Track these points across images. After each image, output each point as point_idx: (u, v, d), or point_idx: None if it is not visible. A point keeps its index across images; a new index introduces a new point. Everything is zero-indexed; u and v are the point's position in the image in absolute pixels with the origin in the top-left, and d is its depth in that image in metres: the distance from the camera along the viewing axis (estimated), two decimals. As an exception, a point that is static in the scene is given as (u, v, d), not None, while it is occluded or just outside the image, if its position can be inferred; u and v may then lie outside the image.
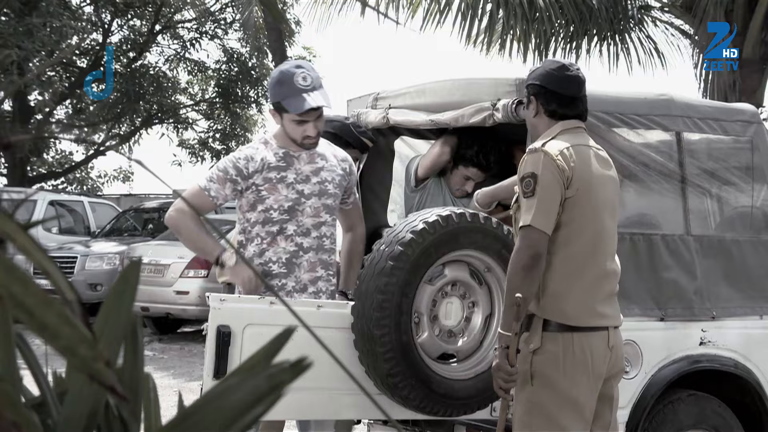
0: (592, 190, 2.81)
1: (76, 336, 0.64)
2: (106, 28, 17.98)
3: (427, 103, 4.05)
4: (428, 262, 3.14)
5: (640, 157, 3.71)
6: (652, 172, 3.75)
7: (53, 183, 20.02)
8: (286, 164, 3.38)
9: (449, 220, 3.15)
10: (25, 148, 15.66)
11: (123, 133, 19.32)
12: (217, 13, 18.94)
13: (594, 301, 2.81)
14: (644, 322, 3.59)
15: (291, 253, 3.32)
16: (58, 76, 17.63)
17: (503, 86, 3.62)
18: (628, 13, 10.14)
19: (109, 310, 0.75)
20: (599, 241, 2.82)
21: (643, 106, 3.75)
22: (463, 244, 3.20)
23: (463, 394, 3.22)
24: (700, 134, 3.95)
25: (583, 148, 2.85)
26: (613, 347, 2.86)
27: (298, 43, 19.76)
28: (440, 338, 3.28)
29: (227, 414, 0.68)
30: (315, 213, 3.38)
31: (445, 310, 3.30)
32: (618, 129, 3.67)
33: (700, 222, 3.91)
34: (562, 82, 2.91)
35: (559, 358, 2.77)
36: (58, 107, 18.31)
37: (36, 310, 0.63)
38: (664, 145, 3.83)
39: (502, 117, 3.51)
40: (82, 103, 18.49)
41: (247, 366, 0.71)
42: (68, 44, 16.68)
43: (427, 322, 3.24)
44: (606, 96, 3.67)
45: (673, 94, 3.87)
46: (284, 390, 0.68)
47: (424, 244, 3.10)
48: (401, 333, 3.06)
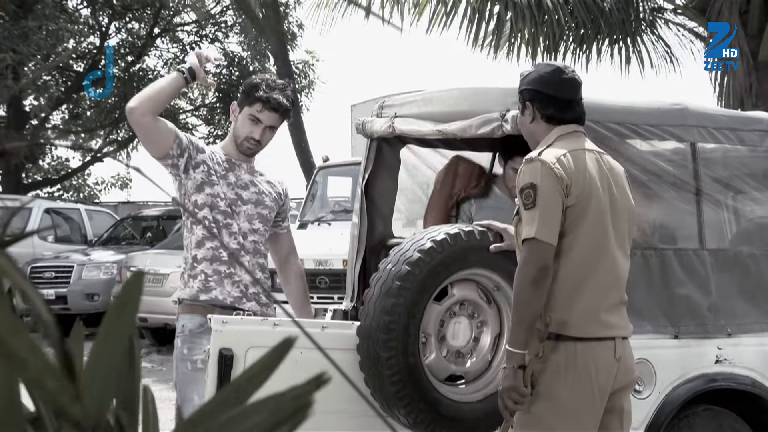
0: (593, 196, 2.78)
1: (44, 368, 0.63)
2: (103, 32, 18.04)
3: (434, 112, 4.05)
4: (436, 281, 3.12)
5: (653, 168, 3.70)
6: (665, 184, 3.74)
7: (49, 190, 20.08)
8: (228, 167, 3.47)
9: (457, 238, 3.14)
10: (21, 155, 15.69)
11: (121, 139, 19.37)
12: (217, 16, 18.98)
13: (599, 310, 2.77)
14: (657, 340, 3.57)
15: (234, 250, 3.39)
16: (54, 80, 17.67)
17: (513, 96, 3.60)
18: (640, 15, 10.14)
19: (111, 322, 0.74)
20: (603, 248, 2.79)
21: (657, 116, 3.74)
22: (471, 263, 3.19)
23: (472, 416, 3.21)
24: (715, 144, 3.94)
25: (581, 153, 2.83)
26: (621, 358, 2.81)
27: (301, 47, 19.79)
28: (448, 359, 3.26)
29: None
30: (250, 219, 3.44)
31: (453, 330, 3.28)
32: (630, 140, 3.66)
33: (716, 235, 3.90)
34: (558, 86, 2.89)
35: (561, 369, 2.74)
36: (54, 112, 18.36)
37: (5, 337, 0.62)
38: (679, 156, 3.82)
39: (511, 128, 3.50)
40: (79, 108, 18.54)
41: (246, 378, 0.70)
42: (64, 48, 16.72)
43: (435, 342, 3.22)
44: (618, 106, 3.66)
45: (688, 104, 3.86)
46: (310, 411, 0.66)
47: (432, 263, 3.08)
48: (408, 355, 3.04)
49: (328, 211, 9.53)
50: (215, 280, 3.35)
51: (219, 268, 3.36)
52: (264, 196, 3.51)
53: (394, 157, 4.43)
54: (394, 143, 4.39)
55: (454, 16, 9.57)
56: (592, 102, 3.67)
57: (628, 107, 3.72)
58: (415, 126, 4.09)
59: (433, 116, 4.03)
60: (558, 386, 2.74)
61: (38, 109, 17.49)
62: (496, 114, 3.57)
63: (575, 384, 2.74)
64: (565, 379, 2.74)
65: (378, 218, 4.33)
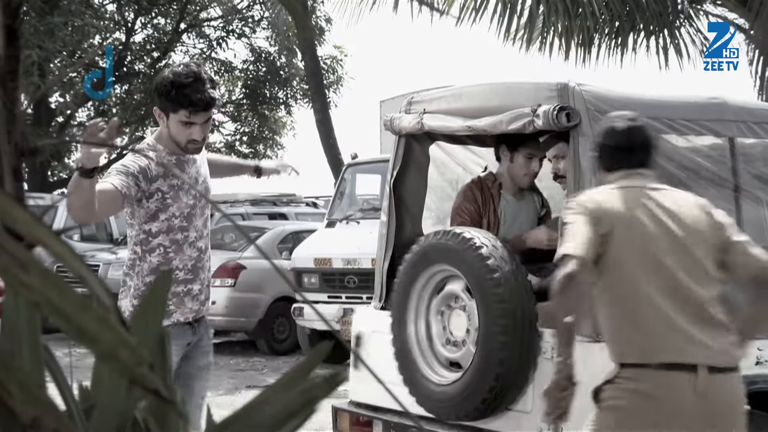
0: (635, 224, 2.78)
1: (117, 340, 0.65)
2: (129, 27, 18.22)
3: (463, 107, 4.05)
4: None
5: (689, 165, 3.67)
6: (702, 181, 3.70)
7: (75, 188, 20.26)
8: (182, 170, 3.39)
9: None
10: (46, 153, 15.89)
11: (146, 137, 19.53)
12: (244, 11, 19.09)
13: (658, 334, 2.72)
14: (695, 341, 3.54)
15: (195, 258, 3.37)
16: (80, 77, 17.88)
17: (544, 91, 3.61)
18: (678, 6, 10.05)
19: (139, 322, 0.76)
20: (648, 274, 2.77)
21: (694, 111, 3.71)
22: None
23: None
24: (755, 139, 3.90)
25: (630, 188, 2.85)
26: (706, 394, 2.67)
27: (329, 42, 19.83)
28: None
29: (259, 429, 0.69)
30: (202, 210, 3.43)
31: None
32: (666, 135, 3.63)
33: (756, 233, 3.84)
34: (610, 135, 2.94)
35: (624, 394, 2.73)
36: (79, 109, 18.57)
37: (74, 315, 0.64)
38: (716, 152, 3.79)
39: (542, 124, 3.50)
40: (105, 106, 18.73)
41: (285, 381, 0.73)
42: (90, 44, 16.91)
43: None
44: (653, 100, 3.64)
45: (726, 97, 3.82)
46: (318, 404, 0.70)
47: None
48: None
49: (357, 209, 9.55)
50: (174, 303, 3.33)
51: (177, 290, 3.33)
52: (207, 181, 3.50)
53: (423, 154, 4.43)
54: (422, 140, 4.39)
55: (484, 9, 9.54)
56: (627, 96, 3.65)
57: (664, 101, 3.69)
58: (445, 122, 4.09)
59: (462, 112, 4.03)
60: (621, 411, 2.73)
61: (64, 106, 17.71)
62: (528, 109, 3.57)
63: (634, 410, 2.69)
64: (626, 405, 2.71)
65: (407, 217, 4.34)
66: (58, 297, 0.64)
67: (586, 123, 3.46)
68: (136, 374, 0.66)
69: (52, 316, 0.65)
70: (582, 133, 3.46)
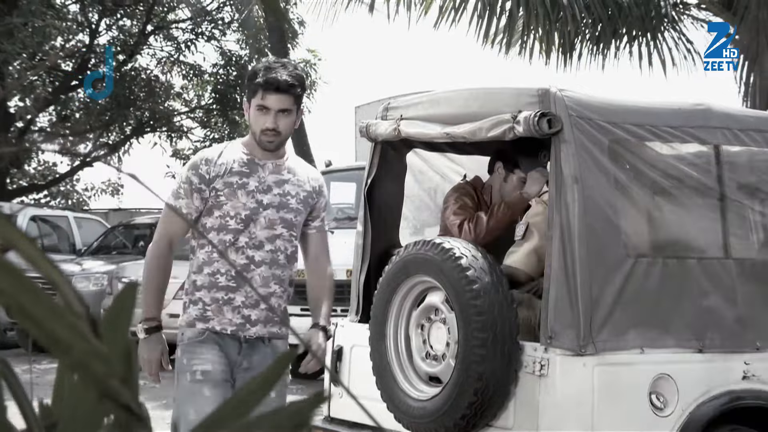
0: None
1: (90, 350, 0.64)
2: (93, 29, 18.10)
3: (441, 114, 4.06)
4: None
5: (674, 173, 3.71)
6: (687, 189, 3.74)
7: (35, 197, 20.13)
8: (249, 171, 3.36)
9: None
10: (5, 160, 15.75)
11: (112, 143, 19.42)
12: (214, 13, 19.05)
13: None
14: (680, 354, 3.57)
15: (241, 266, 3.32)
16: (41, 80, 17.75)
17: (525, 97, 3.63)
18: (662, 10, 10.15)
19: (102, 337, 0.75)
20: None
21: (678, 118, 3.74)
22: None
23: None
24: (740, 147, 3.94)
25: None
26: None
27: (302, 45, 19.79)
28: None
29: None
30: (269, 225, 3.34)
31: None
32: (650, 143, 3.67)
33: (742, 243, 3.90)
34: None
35: None
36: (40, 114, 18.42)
37: (46, 321, 0.63)
38: (701, 160, 3.83)
39: (523, 130, 3.52)
40: (67, 110, 18.59)
41: (242, 396, 0.72)
42: (52, 46, 16.79)
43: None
44: (636, 107, 3.67)
45: (711, 104, 3.86)
46: (309, 428, 0.69)
47: None
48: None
49: (331, 219, 9.53)
50: (213, 309, 3.30)
51: (216, 296, 3.31)
52: (289, 198, 3.38)
53: (399, 162, 4.44)
54: (399, 147, 4.40)
55: (463, 11, 9.58)
56: (609, 102, 3.69)
57: (648, 108, 3.72)
58: (422, 129, 4.10)
59: (440, 118, 4.05)
60: None
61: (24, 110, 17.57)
62: (508, 115, 3.59)
63: None
64: None
65: (383, 226, 4.34)
66: (31, 301, 0.64)
67: (568, 129, 3.48)
68: (108, 387, 0.65)
69: (23, 321, 0.64)
70: (564, 140, 3.48)
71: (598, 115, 3.57)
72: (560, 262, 3.42)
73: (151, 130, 19.56)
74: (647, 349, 3.49)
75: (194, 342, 3.32)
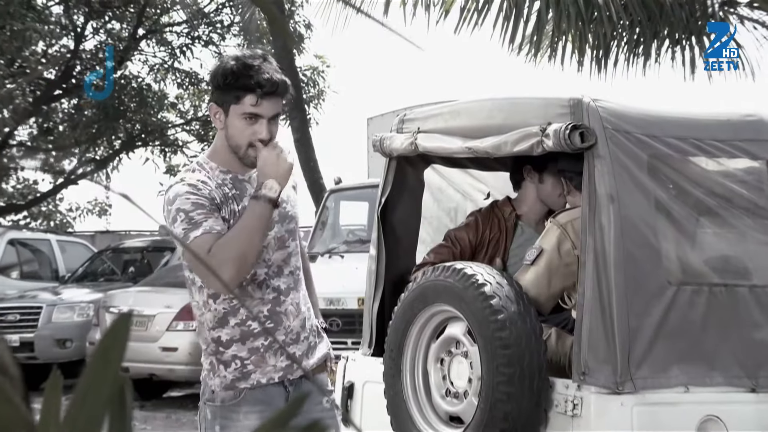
0: None
1: (15, 418, 0.65)
2: (78, 33, 18.23)
3: (462, 126, 4.08)
4: None
5: (721, 191, 3.71)
6: (736, 209, 3.74)
7: (14, 218, 20.25)
8: (239, 192, 3.12)
9: None
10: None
11: (99, 158, 19.52)
12: (211, 15, 19.17)
13: None
14: (730, 394, 3.56)
15: (271, 301, 3.14)
16: (21, 90, 17.88)
17: (555, 107, 3.64)
18: (708, 10, 10.16)
19: (94, 371, 0.76)
20: None
21: (726, 130, 3.75)
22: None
23: None
24: (797, 162, 3.94)
25: None
26: None
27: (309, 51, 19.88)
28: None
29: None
30: (281, 244, 3.18)
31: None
32: (694, 158, 3.68)
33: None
34: None
35: None
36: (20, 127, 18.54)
37: None
38: (753, 177, 3.83)
39: (553, 144, 3.53)
40: (50, 122, 18.71)
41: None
42: (33, 51, 16.93)
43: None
44: (679, 118, 3.68)
45: (764, 115, 3.87)
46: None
47: None
48: None
49: (341, 242, 9.57)
50: (254, 362, 3.11)
51: (254, 345, 3.11)
52: (285, 206, 3.19)
53: (416, 179, 4.46)
54: (416, 163, 4.42)
55: (486, 14, 9.62)
56: (649, 113, 3.70)
57: (692, 119, 3.73)
58: (441, 143, 4.12)
59: (462, 131, 4.07)
60: None
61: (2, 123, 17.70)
62: (536, 128, 3.60)
63: None
64: None
65: (399, 250, 4.35)
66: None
67: (603, 144, 3.49)
68: None
69: None
70: (598, 155, 3.49)
71: (636, 127, 3.58)
72: (594, 290, 3.42)
73: (143, 144, 19.65)
74: (692, 387, 3.48)
75: (229, 405, 3.11)
